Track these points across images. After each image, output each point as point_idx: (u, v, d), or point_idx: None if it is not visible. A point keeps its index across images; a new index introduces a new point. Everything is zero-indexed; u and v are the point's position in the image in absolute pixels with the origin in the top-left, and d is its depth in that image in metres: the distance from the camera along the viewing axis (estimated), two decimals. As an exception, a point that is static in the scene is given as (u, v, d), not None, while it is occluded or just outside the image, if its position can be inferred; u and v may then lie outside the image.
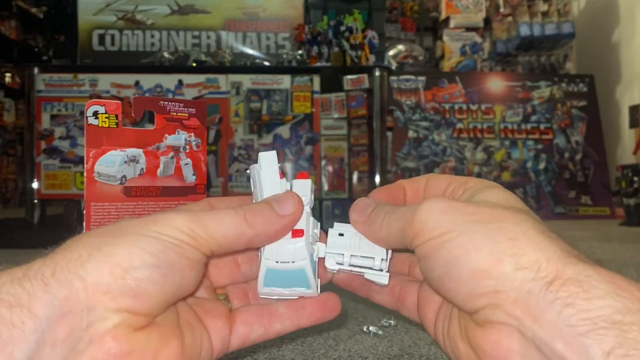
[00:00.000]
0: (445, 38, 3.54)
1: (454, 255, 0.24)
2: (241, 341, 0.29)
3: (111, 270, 0.22)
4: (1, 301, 0.21)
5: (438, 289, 0.26)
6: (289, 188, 0.31)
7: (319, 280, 0.31)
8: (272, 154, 0.32)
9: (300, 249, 0.29)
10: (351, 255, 0.30)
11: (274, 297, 0.31)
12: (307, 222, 0.29)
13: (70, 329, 0.21)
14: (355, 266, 0.30)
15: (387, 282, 0.30)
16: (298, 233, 0.29)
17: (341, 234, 0.31)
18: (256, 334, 0.30)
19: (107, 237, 0.24)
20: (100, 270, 0.22)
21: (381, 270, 0.30)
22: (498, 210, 0.25)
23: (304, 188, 0.31)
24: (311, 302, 0.31)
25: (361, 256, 0.30)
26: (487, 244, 0.23)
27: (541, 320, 0.21)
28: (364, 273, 0.30)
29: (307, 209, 0.30)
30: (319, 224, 0.32)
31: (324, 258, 0.31)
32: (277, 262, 0.29)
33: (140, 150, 0.43)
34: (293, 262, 0.29)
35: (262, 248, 0.29)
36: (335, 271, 0.31)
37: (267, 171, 0.31)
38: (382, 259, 0.30)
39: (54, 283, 0.22)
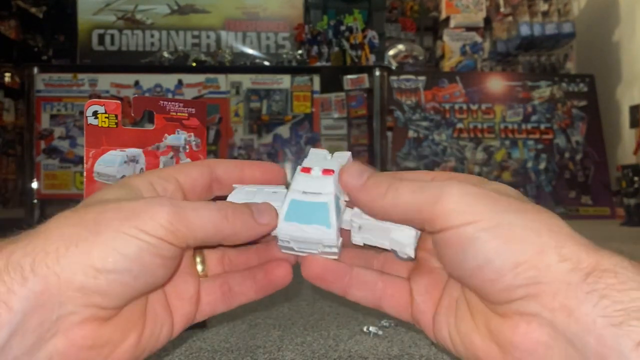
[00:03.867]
0: (445, 38, 3.54)
1: (494, 245, 0.23)
2: (203, 317, 0.31)
3: (84, 270, 0.23)
4: None
5: (469, 278, 0.25)
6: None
7: (341, 240, 0.29)
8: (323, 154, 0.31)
9: (328, 183, 0.29)
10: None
11: (292, 252, 0.30)
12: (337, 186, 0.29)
13: (41, 320, 0.22)
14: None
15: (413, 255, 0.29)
16: (328, 172, 0.29)
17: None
18: (218, 311, 0.31)
19: (87, 229, 0.24)
20: (74, 269, 0.23)
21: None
22: (527, 204, 0.25)
23: (341, 157, 0.31)
24: (262, 275, 0.31)
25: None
26: (529, 235, 0.23)
27: (576, 312, 0.21)
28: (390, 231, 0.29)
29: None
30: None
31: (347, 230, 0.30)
32: (303, 192, 0.29)
33: (140, 150, 0.43)
34: (319, 193, 0.28)
35: (292, 180, 0.30)
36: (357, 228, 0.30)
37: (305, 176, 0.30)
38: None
39: (31, 278, 0.22)
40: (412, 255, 0.29)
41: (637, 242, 1.58)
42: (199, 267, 0.31)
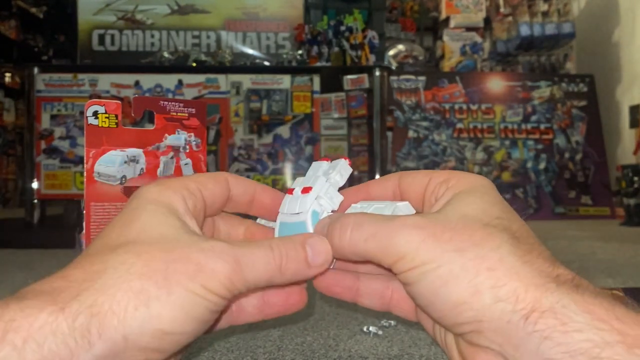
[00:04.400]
0: (445, 38, 3.54)
1: (435, 287, 0.24)
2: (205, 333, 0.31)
3: (153, 333, 0.23)
4: (42, 359, 0.21)
5: (426, 313, 0.26)
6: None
7: None
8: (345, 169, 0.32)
9: (306, 201, 0.30)
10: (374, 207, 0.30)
11: None
12: (322, 187, 0.30)
13: None
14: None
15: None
16: (307, 190, 0.30)
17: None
18: (221, 326, 0.31)
19: (156, 285, 0.23)
20: (143, 332, 0.23)
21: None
22: (477, 232, 0.24)
23: (344, 169, 0.32)
24: (277, 300, 0.31)
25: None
26: (465, 276, 0.23)
27: (522, 348, 0.22)
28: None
29: (332, 180, 0.31)
30: (341, 198, 0.32)
31: None
32: (287, 213, 0.31)
33: (140, 150, 0.43)
34: (299, 213, 0.30)
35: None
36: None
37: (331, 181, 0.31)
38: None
39: (98, 343, 0.22)
40: None
41: (637, 242, 1.58)
42: None
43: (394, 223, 0.26)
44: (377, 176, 2.24)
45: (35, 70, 2.17)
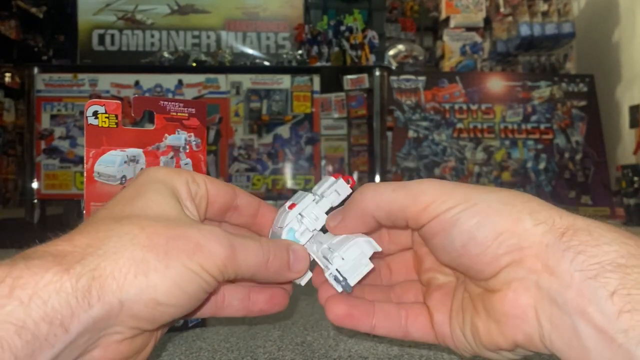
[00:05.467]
0: (445, 38, 3.54)
1: (475, 222, 0.25)
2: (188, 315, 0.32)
3: (147, 302, 0.24)
4: (46, 315, 0.22)
5: (458, 259, 0.26)
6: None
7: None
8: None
9: (285, 217, 0.32)
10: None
11: None
12: (306, 205, 0.32)
13: (88, 338, 0.23)
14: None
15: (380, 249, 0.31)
16: (292, 206, 0.32)
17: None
18: (204, 314, 0.32)
19: (157, 258, 0.24)
20: (138, 300, 0.24)
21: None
22: (503, 191, 0.27)
23: (341, 189, 0.32)
24: (262, 299, 0.33)
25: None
26: (505, 208, 0.25)
27: (556, 270, 0.23)
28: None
29: (323, 199, 0.32)
30: (324, 218, 0.32)
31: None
32: (275, 225, 0.33)
33: (140, 150, 0.43)
34: (280, 227, 0.32)
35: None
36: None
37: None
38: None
39: (97, 305, 0.23)
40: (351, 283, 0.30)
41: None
42: None
43: (413, 182, 0.27)
44: (377, 176, 2.24)
45: (35, 70, 2.17)
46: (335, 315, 0.30)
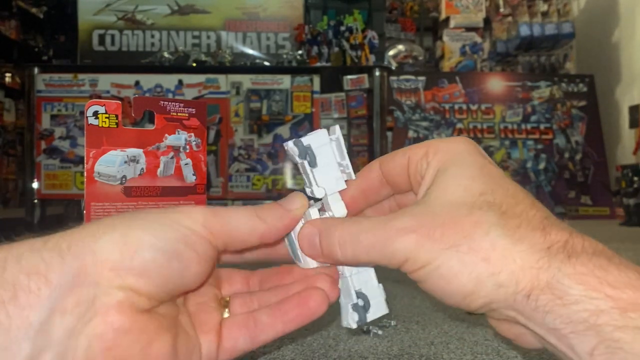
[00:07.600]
0: (445, 38, 3.54)
1: (442, 284, 0.26)
2: (228, 355, 0.29)
3: (121, 249, 0.24)
4: (21, 268, 0.23)
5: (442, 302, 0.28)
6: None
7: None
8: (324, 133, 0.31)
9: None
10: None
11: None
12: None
13: (78, 300, 0.23)
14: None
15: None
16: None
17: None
18: (242, 347, 0.29)
19: (125, 221, 0.25)
20: (111, 248, 0.24)
21: None
22: (464, 222, 0.25)
23: (319, 138, 0.31)
24: (293, 306, 0.30)
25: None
26: (465, 270, 0.25)
27: (532, 320, 0.24)
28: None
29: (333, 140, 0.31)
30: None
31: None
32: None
33: (140, 150, 0.43)
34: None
35: None
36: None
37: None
38: None
39: (69, 255, 0.23)
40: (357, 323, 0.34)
41: (636, 242, 1.58)
42: (223, 306, 0.31)
43: (388, 230, 0.27)
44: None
45: (36, 70, 2.17)
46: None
